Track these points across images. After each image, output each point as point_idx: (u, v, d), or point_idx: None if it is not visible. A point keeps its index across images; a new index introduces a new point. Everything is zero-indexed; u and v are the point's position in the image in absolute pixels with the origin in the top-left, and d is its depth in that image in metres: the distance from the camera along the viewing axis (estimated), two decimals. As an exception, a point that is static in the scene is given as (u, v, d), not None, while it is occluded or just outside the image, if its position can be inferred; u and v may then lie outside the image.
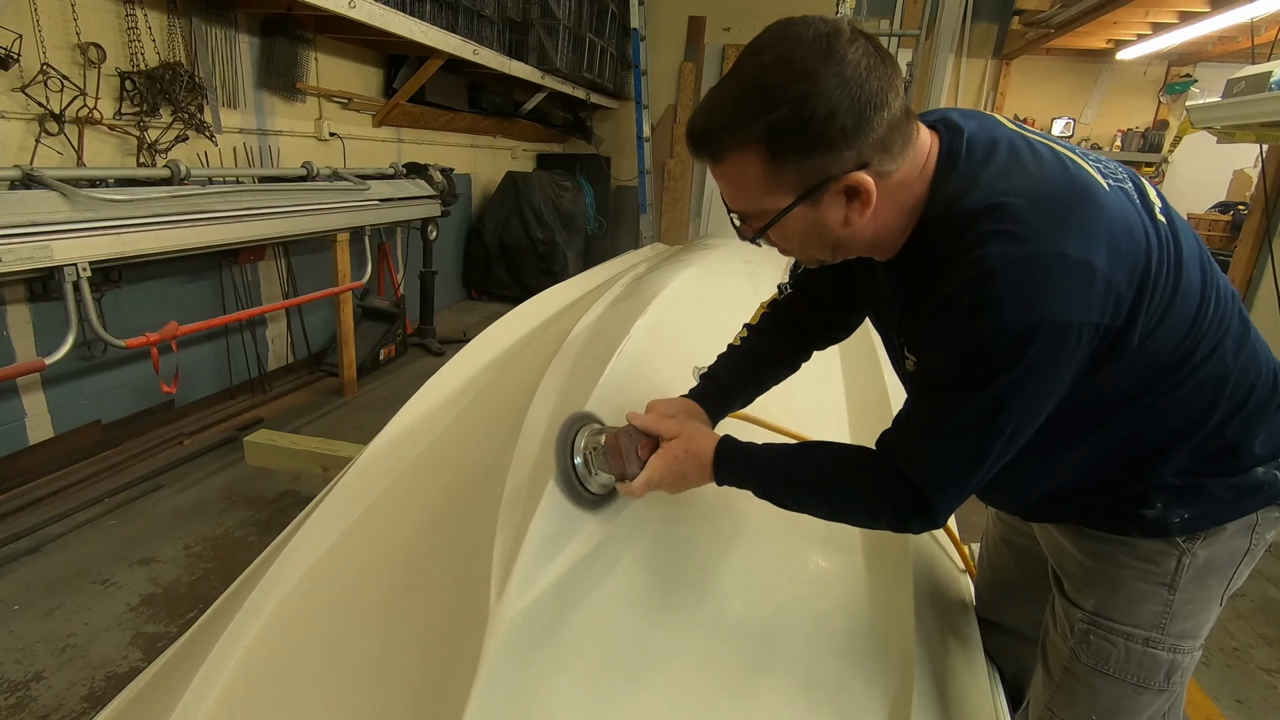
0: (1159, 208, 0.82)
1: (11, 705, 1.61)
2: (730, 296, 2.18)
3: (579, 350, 1.67)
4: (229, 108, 3.29)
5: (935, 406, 0.80)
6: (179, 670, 1.11)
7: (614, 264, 3.45)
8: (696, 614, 1.07)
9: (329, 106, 3.98)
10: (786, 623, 1.13)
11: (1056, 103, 7.15)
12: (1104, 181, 0.77)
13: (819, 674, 1.06)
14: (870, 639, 1.16)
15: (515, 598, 0.89)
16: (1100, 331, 0.73)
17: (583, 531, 1.01)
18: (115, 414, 2.92)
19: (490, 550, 1.00)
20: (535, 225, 5.88)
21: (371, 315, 4.22)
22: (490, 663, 0.82)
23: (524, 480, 1.12)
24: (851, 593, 1.22)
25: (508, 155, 6.62)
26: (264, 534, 2.36)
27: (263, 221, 2.71)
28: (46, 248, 1.95)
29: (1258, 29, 3.79)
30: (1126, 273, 0.72)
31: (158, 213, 2.29)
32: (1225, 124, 2.77)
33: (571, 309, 2.43)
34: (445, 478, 1.44)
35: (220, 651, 1.01)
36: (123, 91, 2.74)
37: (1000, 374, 0.72)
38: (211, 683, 0.98)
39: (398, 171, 3.99)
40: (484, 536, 1.08)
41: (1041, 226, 0.70)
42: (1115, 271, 0.71)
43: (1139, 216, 0.77)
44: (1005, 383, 0.72)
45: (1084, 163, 0.79)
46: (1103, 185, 0.76)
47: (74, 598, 1.99)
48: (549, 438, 1.20)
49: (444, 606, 1.02)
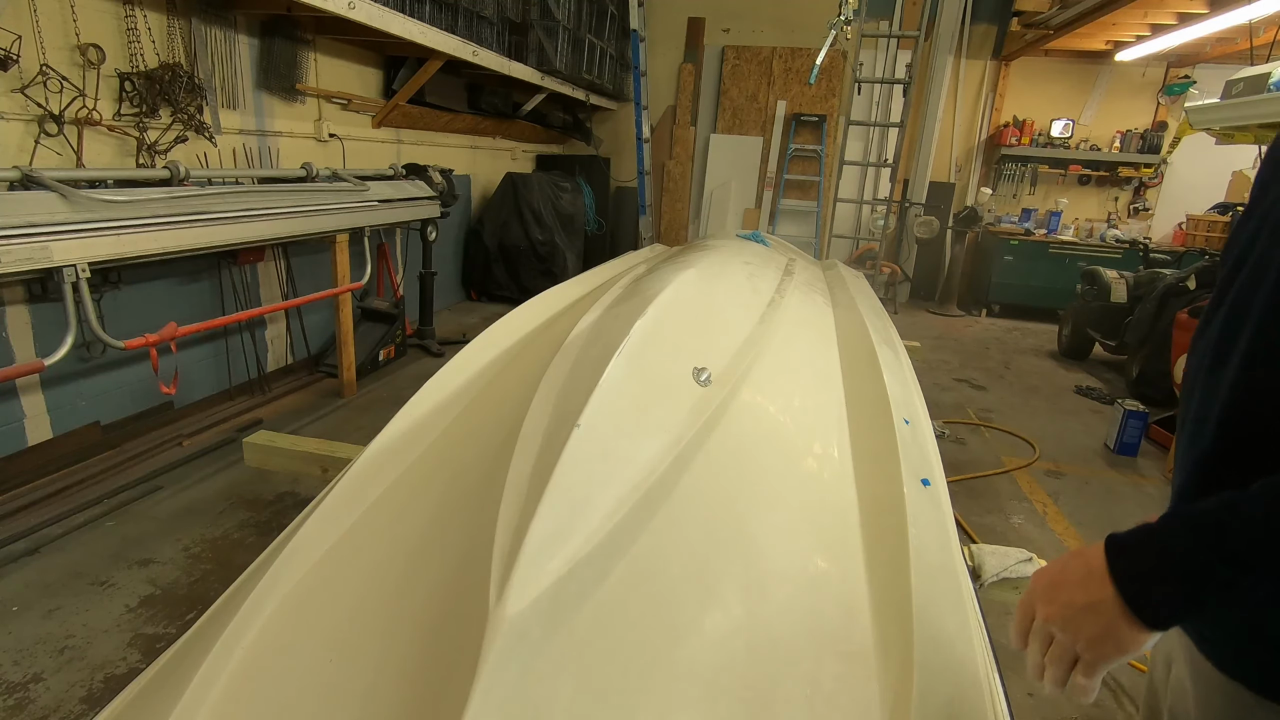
0: None
1: (10, 707, 1.60)
2: (730, 297, 2.18)
3: (578, 352, 1.67)
4: (228, 109, 3.29)
5: None
6: (178, 671, 1.11)
7: (613, 265, 3.44)
8: (697, 616, 1.06)
9: (328, 107, 3.99)
10: (786, 624, 1.13)
11: (1055, 104, 7.16)
12: None
13: (818, 675, 1.06)
14: (870, 639, 1.16)
15: (516, 599, 0.89)
16: None
17: (582, 532, 1.01)
18: (114, 415, 2.92)
19: (490, 551, 1.00)
20: (535, 226, 5.88)
21: (371, 316, 4.22)
22: (490, 664, 0.82)
23: (523, 480, 1.12)
24: (851, 592, 1.22)
25: (507, 156, 6.62)
26: (263, 535, 2.36)
27: (262, 222, 2.71)
28: (46, 248, 1.95)
29: (1256, 30, 3.80)
30: None
31: (157, 213, 2.29)
32: (1224, 125, 2.77)
33: (570, 310, 2.42)
34: (444, 479, 1.44)
35: (219, 653, 1.01)
36: (122, 92, 2.74)
37: None
38: (210, 684, 0.97)
39: (397, 173, 3.99)
40: (483, 537, 1.08)
41: None
42: None
43: None
44: None
45: None
46: None
47: (73, 599, 1.98)
48: (549, 441, 1.20)
49: (443, 608, 1.02)
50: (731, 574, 1.16)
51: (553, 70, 5.52)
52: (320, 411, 3.48)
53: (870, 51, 6.97)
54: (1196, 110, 2.89)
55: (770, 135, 7.41)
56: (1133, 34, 5.92)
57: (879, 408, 1.73)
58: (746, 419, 1.44)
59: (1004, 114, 7.28)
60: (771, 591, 1.18)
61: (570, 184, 6.39)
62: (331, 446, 2.37)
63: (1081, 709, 1.84)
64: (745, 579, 1.17)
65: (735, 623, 1.09)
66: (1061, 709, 1.83)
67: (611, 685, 0.93)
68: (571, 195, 6.31)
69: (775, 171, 7.44)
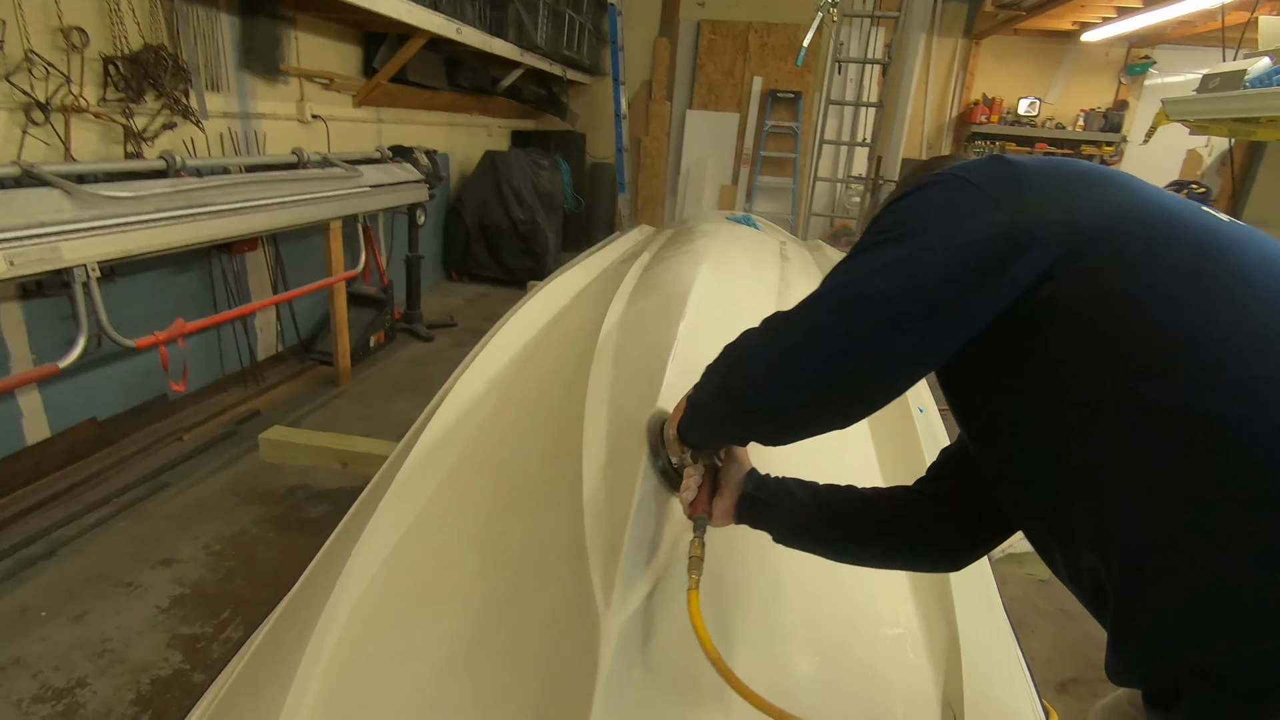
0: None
1: (60, 713, 1.61)
2: (745, 291, 2.24)
3: (614, 353, 1.71)
4: (212, 91, 3.18)
5: None
6: (263, 679, 1.13)
7: (610, 250, 3.45)
8: (767, 615, 1.15)
9: (310, 87, 3.87)
10: (844, 608, 1.23)
11: (1023, 82, 7.33)
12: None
13: (873, 658, 1.16)
14: (914, 618, 1.27)
15: (621, 605, 0.95)
16: None
17: (668, 539, 1.08)
18: (109, 410, 2.86)
19: (575, 556, 1.06)
20: (515, 205, 5.82)
21: (358, 301, 4.16)
22: (607, 667, 0.88)
23: (600, 489, 1.17)
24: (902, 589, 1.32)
25: (484, 133, 6.51)
26: (282, 531, 2.37)
27: (263, 213, 2.66)
28: (55, 249, 1.90)
29: (1225, 12, 3.93)
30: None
31: (160, 208, 2.24)
32: (1198, 118, 2.91)
33: (583, 302, 2.45)
34: (493, 482, 1.48)
35: (309, 658, 1.04)
36: (106, 76, 2.63)
37: None
38: (305, 693, 1.01)
39: (384, 155, 3.92)
40: (558, 542, 1.14)
41: None
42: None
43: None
44: None
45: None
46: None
47: (100, 602, 1.98)
48: (616, 448, 1.26)
49: (532, 611, 1.07)
50: (791, 567, 1.24)
51: (532, 45, 5.43)
52: (318, 401, 3.45)
53: (845, 28, 7.00)
54: (1173, 102, 3.02)
55: (746, 111, 7.43)
56: (1100, 15, 6.08)
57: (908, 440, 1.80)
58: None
59: (974, 92, 7.43)
60: (832, 577, 1.27)
61: (548, 161, 6.32)
62: (349, 441, 2.39)
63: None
64: (802, 569, 1.26)
65: (800, 612, 1.18)
66: (1058, 671, 2.00)
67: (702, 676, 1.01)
68: (550, 172, 6.25)
69: (751, 148, 7.48)
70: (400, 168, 3.85)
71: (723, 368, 0.84)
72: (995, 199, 0.72)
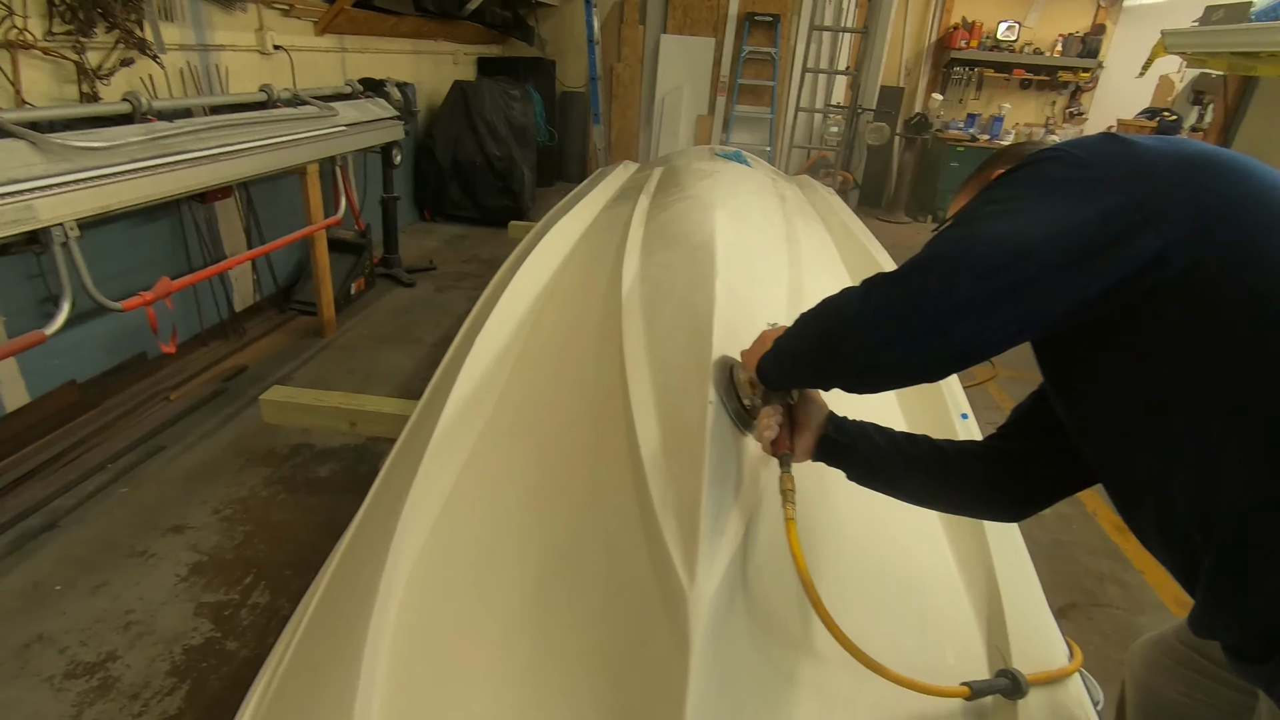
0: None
1: (95, 688, 1.60)
2: (758, 239, 2.20)
3: (642, 309, 1.68)
4: (165, 20, 2.91)
5: None
6: (325, 656, 1.11)
7: (600, 191, 3.33)
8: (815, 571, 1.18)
9: (269, 14, 3.57)
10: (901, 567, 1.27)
11: (1002, 6, 7.17)
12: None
13: (924, 607, 1.21)
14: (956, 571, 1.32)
15: (706, 578, 0.95)
16: None
17: (742, 509, 1.09)
18: (89, 372, 2.73)
19: (647, 529, 1.06)
20: (490, 140, 5.57)
21: (336, 248, 3.98)
22: (699, 641, 0.89)
23: (658, 457, 1.17)
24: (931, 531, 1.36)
25: (449, 60, 6.15)
26: (292, 493, 2.33)
27: (243, 159, 2.49)
28: (30, 207, 1.75)
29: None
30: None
31: (135, 158, 2.07)
32: (1197, 50, 2.88)
33: (587, 252, 2.39)
34: (532, 445, 1.46)
35: (375, 630, 1.02)
36: (51, 6, 2.38)
37: None
38: (376, 667, 0.99)
39: (355, 90, 3.67)
40: (620, 503, 1.14)
41: None
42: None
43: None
44: None
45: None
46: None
47: (116, 573, 1.93)
48: (670, 413, 1.25)
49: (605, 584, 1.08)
50: (830, 523, 1.27)
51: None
52: (305, 354, 3.35)
53: (825, -54, 6.71)
54: (1172, 34, 2.98)
55: (723, 37, 7.15)
56: (1084, -65, 5.92)
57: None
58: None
59: (953, 16, 7.25)
60: (873, 530, 1.31)
61: (520, 91, 6.03)
62: (357, 400, 2.32)
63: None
64: (844, 524, 1.29)
65: (862, 571, 1.22)
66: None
67: (782, 640, 1.04)
68: (522, 104, 5.97)
69: (729, 75, 7.23)
70: (375, 104, 3.63)
71: (824, 322, 0.85)
72: (1109, 178, 0.72)
